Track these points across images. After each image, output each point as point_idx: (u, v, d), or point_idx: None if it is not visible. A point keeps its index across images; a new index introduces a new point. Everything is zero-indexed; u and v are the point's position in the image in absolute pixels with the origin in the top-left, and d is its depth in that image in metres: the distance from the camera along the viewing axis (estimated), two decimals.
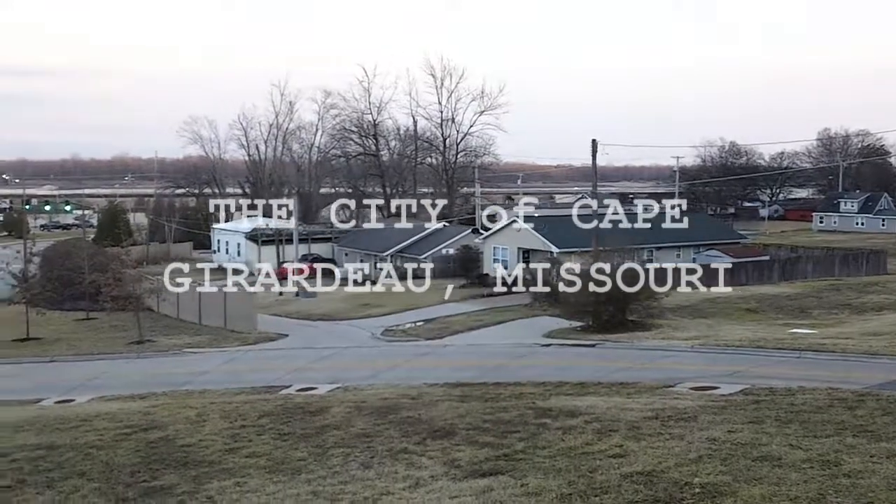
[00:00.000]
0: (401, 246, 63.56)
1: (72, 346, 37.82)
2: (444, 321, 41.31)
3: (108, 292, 39.24)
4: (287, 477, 11.04)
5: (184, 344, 37.32)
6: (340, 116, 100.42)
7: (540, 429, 13.50)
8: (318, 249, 71.10)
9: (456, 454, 11.77)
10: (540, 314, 41.53)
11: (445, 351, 32.87)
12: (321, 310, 47.05)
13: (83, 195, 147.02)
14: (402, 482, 10.35)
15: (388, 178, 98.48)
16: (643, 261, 46.00)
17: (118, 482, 11.34)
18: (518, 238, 54.80)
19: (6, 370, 32.19)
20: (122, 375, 29.88)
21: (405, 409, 16.27)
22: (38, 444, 14.59)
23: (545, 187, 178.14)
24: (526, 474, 10.30)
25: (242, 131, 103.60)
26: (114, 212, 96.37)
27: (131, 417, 17.21)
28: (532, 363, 27.46)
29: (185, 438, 14.25)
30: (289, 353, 34.05)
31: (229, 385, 25.64)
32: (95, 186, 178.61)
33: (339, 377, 26.06)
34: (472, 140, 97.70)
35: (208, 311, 43.53)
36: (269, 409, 17.13)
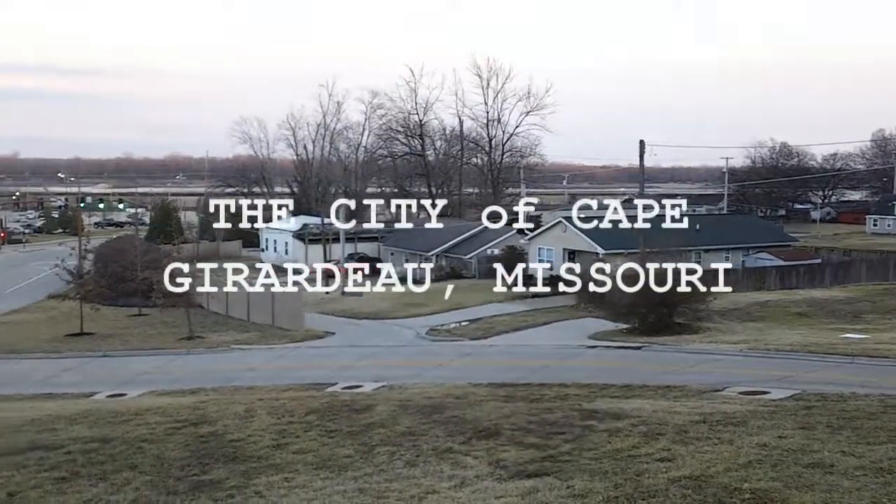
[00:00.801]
0: (446, 246, 63.67)
1: (124, 341, 38.65)
2: (488, 321, 41.30)
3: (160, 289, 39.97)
4: (334, 474, 11.14)
5: (232, 340, 37.91)
6: (387, 117, 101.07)
7: (585, 431, 13.43)
8: (364, 248, 71.57)
9: (501, 454, 11.76)
10: (585, 315, 41.29)
11: (490, 351, 32.88)
12: (367, 308, 47.36)
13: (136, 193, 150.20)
14: (447, 481, 10.38)
15: (434, 178, 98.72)
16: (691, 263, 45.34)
17: (169, 475, 11.55)
18: (563, 239, 54.53)
19: (61, 364, 33.03)
20: (172, 371, 30.48)
21: (450, 409, 16.30)
22: (91, 436, 14.93)
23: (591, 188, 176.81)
24: (572, 476, 10.25)
25: (291, 131, 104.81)
26: (166, 210, 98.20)
27: (181, 412, 17.52)
28: (577, 364, 27.32)
29: (233, 434, 14.46)
30: (335, 350, 34.40)
31: (276, 382, 26.01)
32: (148, 185, 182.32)
33: (384, 375, 26.25)
34: (518, 140, 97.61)
35: (256, 308, 44.12)
36: (316, 407, 17.30)
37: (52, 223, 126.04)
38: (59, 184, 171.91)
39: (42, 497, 10.71)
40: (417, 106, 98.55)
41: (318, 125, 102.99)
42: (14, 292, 58.00)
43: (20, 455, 13.48)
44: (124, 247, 55.77)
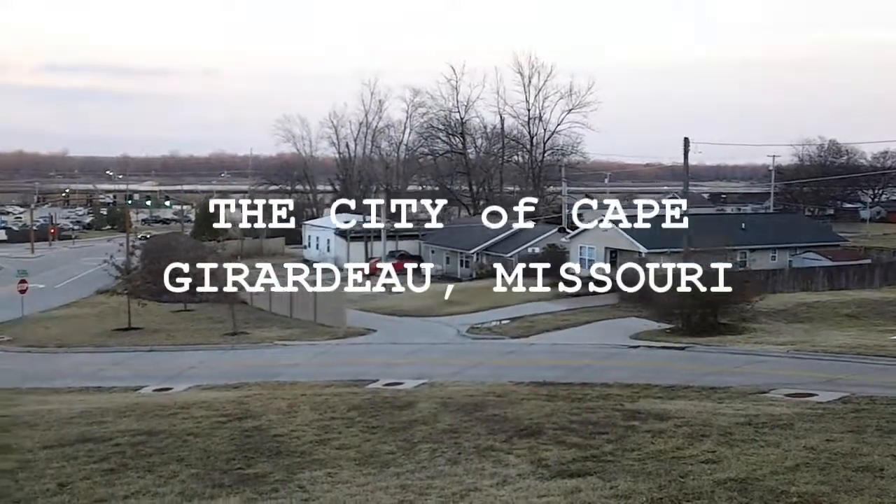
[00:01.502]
0: (487, 244, 63.61)
1: (170, 336, 39.30)
2: (529, 320, 41.18)
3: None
4: (376, 470, 11.21)
5: (275, 336, 38.32)
6: (428, 115, 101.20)
7: (628, 431, 13.33)
8: (406, 246, 71.81)
9: (543, 453, 11.72)
10: (627, 315, 40.96)
11: (531, 350, 32.78)
12: (408, 306, 47.53)
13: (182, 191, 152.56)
14: (489, 479, 10.37)
15: (475, 176, 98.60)
16: (737, 262, 44.75)
17: (214, 469, 11.71)
18: (605, 238, 54.12)
19: (109, 358, 33.71)
20: (217, 366, 30.91)
21: (491, 407, 16.30)
22: (139, 429, 15.21)
23: (633, 186, 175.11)
24: (615, 476, 10.18)
25: (333, 129, 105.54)
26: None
27: (226, 406, 17.77)
28: (619, 364, 27.10)
29: (277, 428, 14.63)
30: (376, 348, 34.59)
31: (318, 377, 26.22)
32: (194, 182, 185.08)
33: (425, 373, 26.32)
34: (560, 138, 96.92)
35: (299, 305, 44.56)
36: (358, 403, 17.42)
37: (100, 220, 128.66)
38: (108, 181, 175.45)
39: (91, 488, 10.92)
40: (459, 104, 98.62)
41: (361, 123, 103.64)
42: (64, 287, 59.33)
43: (70, 447, 13.79)
44: (171, 243, 56.68)
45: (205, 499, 10.06)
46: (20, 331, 41.42)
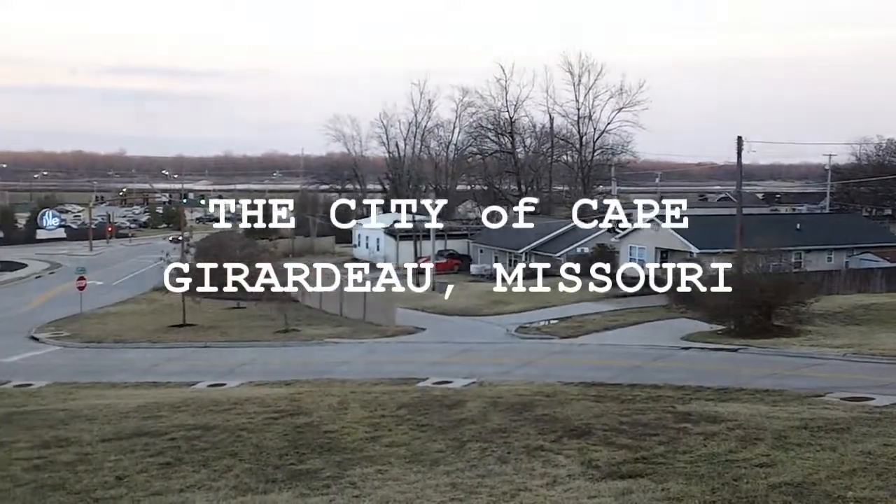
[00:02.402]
0: (535, 243, 63.38)
1: (223, 333, 39.98)
2: (578, 320, 40.94)
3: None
4: (426, 467, 11.26)
5: (326, 334, 38.73)
6: (477, 114, 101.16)
7: (680, 433, 13.18)
8: (454, 245, 71.92)
9: (593, 454, 11.66)
10: (678, 316, 40.45)
11: (580, 350, 32.59)
12: (456, 305, 47.60)
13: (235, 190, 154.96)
14: (539, 479, 10.36)
15: (524, 175, 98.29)
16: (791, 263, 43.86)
17: (267, 464, 11.89)
18: (656, 238, 53.49)
19: (165, 354, 34.43)
20: (269, 362, 31.37)
21: (540, 407, 16.25)
22: (194, 424, 15.50)
23: (685, 186, 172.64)
24: (667, 479, 10.08)
25: (383, 129, 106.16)
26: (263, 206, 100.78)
27: (278, 403, 18.01)
28: (670, 366, 26.81)
29: (328, 425, 14.77)
30: (425, 346, 34.72)
31: (368, 375, 26.43)
32: (246, 182, 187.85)
33: (474, 372, 26.35)
34: (610, 137, 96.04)
35: (349, 303, 44.97)
36: (407, 401, 17.51)
37: (156, 218, 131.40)
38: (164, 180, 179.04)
39: (148, 481, 11.17)
40: (508, 103, 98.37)
41: (410, 123, 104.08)
42: (121, 284, 60.76)
43: (127, 440, 14.11)
44: (224, 242, 57.64)
45: (258, 493, 10.23)
46: (79, 326, 42.57)
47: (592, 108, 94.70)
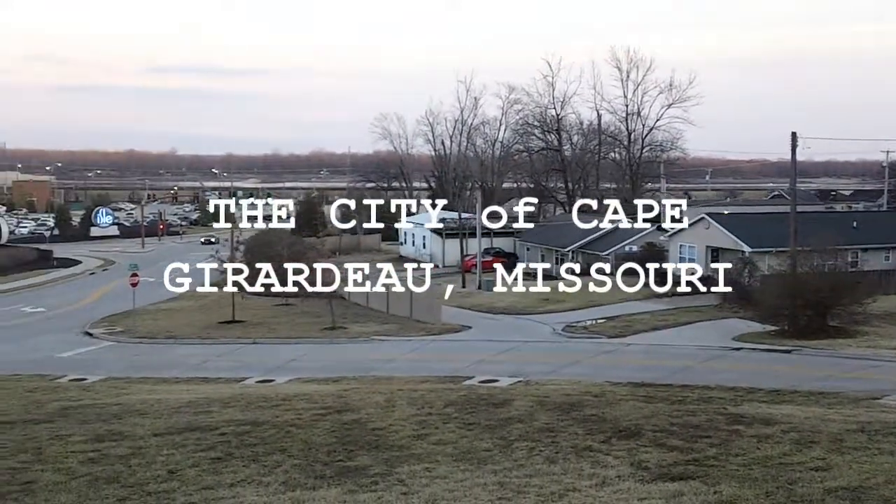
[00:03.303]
0: (583, 242, 62.90)
1: (271, 329, 40.43)
2: (626, 319, 40.51)
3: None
4: (473, 466, 11.21)
5: (372, 332, 38.94)
6: (524, 111, 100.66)
7: (732, 435, 12.93)
8: (501, 244, 71.74)
9: (643, 455, 11.49)
10: (729, 316, 39.79)
11: (628, 350, 32.26)
12: (502, 303, 47.48)
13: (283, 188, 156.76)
14: (587, 479, 10.23)
15: (571, 173, 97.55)
16: (847, 262, 42.81)
17: (316, 460, 11.94)
18: (707, 236, 52.65)
19: (215, 350, 34.96)
20: (316, 359, 31.65)
21: (588, 407, 16.09)
22: (243, 419, 15.67)
23: (736, 183, 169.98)
24: (719, 481, 9.89)
25: (429, 127, 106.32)
26: (310, 204, 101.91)
27: (326, 399, 18.14)
28: (721, 367, 26.39)
29: (375, 422, 14.81)
30: (471, 344, 34.69)
31: (414, 373, 26.52)
32: (294, 180, 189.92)
33: (520, 371, 26.26)
34: (659, 134, 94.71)
35: (395, 300, 45.13)
36: (454, 399, 17.49)
37: (206, 216, 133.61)
38: (213, 179, 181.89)
39: (199, 475, 11.30)
40: (554, 100, 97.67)
41: (456, 121, 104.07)
42: (172, 281, 61.81)
43: (179, 435, 14.32)
44: (272, 239, 58.29)
45: (307, 489, 10.28)
46: (132, 322, 43.45)
47: (641, 104, 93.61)
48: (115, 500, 10.18)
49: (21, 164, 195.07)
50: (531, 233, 71.23)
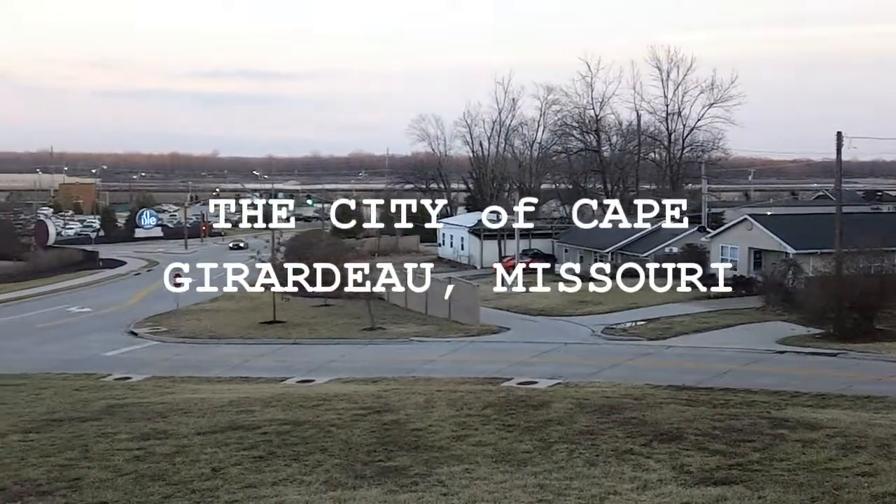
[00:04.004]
0: (622, 243, 62.43)
1: (312, 330, 40.77)
2: (666, 321, 40.11)
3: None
4: (513, 468, 11.20)
5: (411, 333, 39.06)
6: (562, 112, 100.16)
7: (776, 440, 12.76)
8: (539, 245, 71.53)
9: (685, 459, 11.38)
10: (773, 319, 39.20)
11: (668, 352, 31.95)
12: (540, 305, 47.32)
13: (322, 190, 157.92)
14: (628, 483, 10.17)
15: (610, 174, 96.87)
16: (894, 264, 41.91)
17: (356, 460, 12.02)
18: (749, 237, 51.93)
19: (256, 350, 35.36)
20: (355, 360, 31.84)
21: (628, 410, 15.98)
22: (284, 419, 15.82)
23: (779, 184, 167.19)
24: (763, 486, 9.76)
25: (467, 128, 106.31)
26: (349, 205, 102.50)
27: (365, 400, 18.25)
28: (764, 370, 26.03)
29: (415, 423, 14.86)
30: (509, 346, 34.65)
31: (453, 374, 26.55)
32: (333, 182, 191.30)
33: (559, 372, 26.17)
34: (700, 134, 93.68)
35: (434, 302, 45.23)
36: (493, 401, 17.48)
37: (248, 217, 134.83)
38: (254, 180, 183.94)
39: (242, 474, 11.45)
40: (593, 101, 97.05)
41: (494, 122, 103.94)
42: (214, 282, 62.62)
43: (221, 433, 14.50)
44: (312, 240, 58.81)
45: (348, 489, 10.36)
46: (175, 322, 44.13)
47: (682, 104, 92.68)
48: (161, 497, 10.35)
49: (67, 167, 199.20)
50: (570, 234, 70.93)
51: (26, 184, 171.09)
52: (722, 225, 60.93)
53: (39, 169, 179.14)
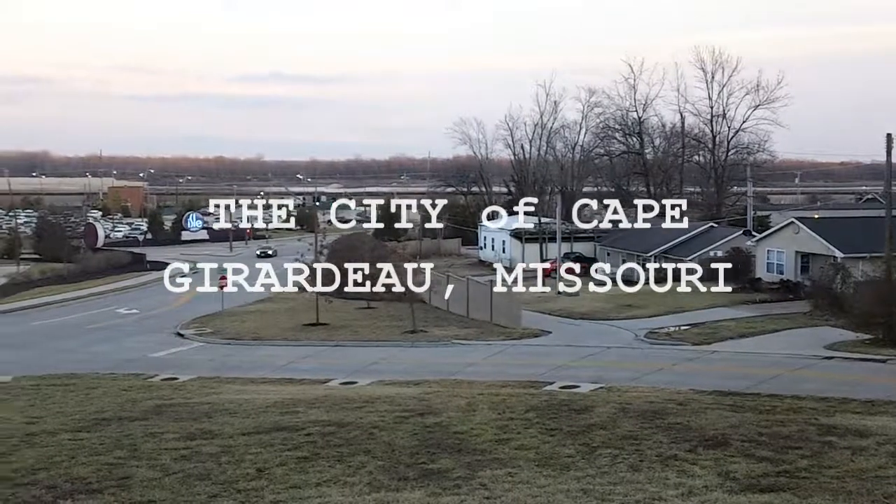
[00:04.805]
0: (665, 247, 61.75)
1: (354, 332, 41.02)
2: (711, 326, 39.56)
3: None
4: (556, 472, 11.18)
5: (452, 335, 39.09)
6: (604, 115, 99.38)
7: (824, 447, 12.55)
8: (581, 248, 71.08)
9: (730, 466, 11.25)
10: (820, 324, 38.45)
11: (713, 357, 31.51)
12: (582, 308, 47.02)
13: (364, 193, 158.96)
14: (673, 489, 10.09)
15: (653, 176, 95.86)
16: None
17: (399, 462, 12.11)
18: (796, 241, 51.02)
19: (300, 352, 35.68)
20: (397, 362, 31.96)
21: (672, 415, 15.83)
22: (328, 420, 15.98)
23: (827, 186, 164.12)
24: (811, 494, 9.62)
25: (508, 131, 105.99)
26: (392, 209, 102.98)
27: (408, 402, 18.32)
28: (811, 376, 25.56)
29: (457, 426, 14.90)
30: (551, 349, 34.47)
31: (495, 377, 26.51)
32: (375, 185, 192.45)
33: (601, 377, 25.98)
34: (745, 136, 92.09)
35: (475, 305, 45.19)
36: (535, 404, 17.44)
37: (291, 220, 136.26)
38: (298, 184, 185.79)
39: (287, 474, 11.59)
40: (636, 103, 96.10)
41: (535, 124, 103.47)
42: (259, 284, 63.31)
43: (266, 434, 14.70)
44: (354, 243, 59.15)
45: (391, 490, 10.43)
46: (220, 324, 44.74)
47: (727, 105, 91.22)
48: (207, 496, 10.52)
49: (116, 171, 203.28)
50: (612, 237, 70.34)
51: (76, 187, 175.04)
52: (768, 228, 59.96)
53: (89, 172, 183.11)
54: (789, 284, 48.16)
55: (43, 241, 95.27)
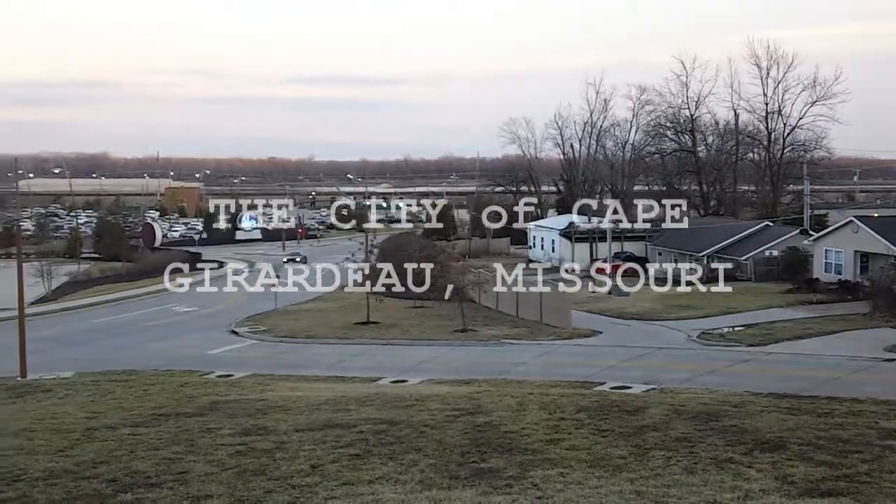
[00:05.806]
0: (718, 246, 60.79)
1: (404, 331, 41.26)
2: (766, 327, 38.84)
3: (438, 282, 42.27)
4: (608, 473, 11.09)
5: (502, 335, 39.06)
6: (655, 112, 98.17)
7: (885, 451, 12.24)
8: (631, 248, 70.35)
9: (788, 469, 11.04)
10: (881, 325, 37.49)
11: (769, 359, 30.95)
12: (633, 309, 46.55)
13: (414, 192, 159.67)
14: (729, 492, 9.93)
15: (706, 174, 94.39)
16: None
17: (451, 461, 12.13)
18: (855, 240, 49.81)
19: (351, 350, 36.05)
20: (447, 361, 32.07)
21: (727, 417, 15.59)
22: (379, 418, 16.10)
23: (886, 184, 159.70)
24: (871, 499, 9.39)
25: (558, 130, 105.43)
26: (441, 208, 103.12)
27: (458, 401, 18.36)
28: (872, 378, 24.95)
29: (508, 425, 14.88)
30: (602, 350, 34.23)
31: (545, 377, 26.44)
32: (424, 185, 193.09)
33: (653, 378, 25.72)
34: (801, 133, 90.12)
35: (525, 304, 45.08)
36: (586, 405, 17.33)
37: (342, 220, 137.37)
38: (349, 184, 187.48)
39: (340, 471, 11.71)
40: (688, 100, 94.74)
41: (585, 123, 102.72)
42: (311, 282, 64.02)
43: (319, 431, 14.86)
44: (404, 242, 59.45)
45: (443, 489, 10.46)
46: (274, 322, 45.41)
47: (782, 102, 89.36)
48: (262, 492, 10.69)
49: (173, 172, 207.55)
50: (664, 236, 69.45)
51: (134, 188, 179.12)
52: (825, 227, 58.65)
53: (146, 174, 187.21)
54: (848, 285, 47.05)
55: (102, 241, 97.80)
